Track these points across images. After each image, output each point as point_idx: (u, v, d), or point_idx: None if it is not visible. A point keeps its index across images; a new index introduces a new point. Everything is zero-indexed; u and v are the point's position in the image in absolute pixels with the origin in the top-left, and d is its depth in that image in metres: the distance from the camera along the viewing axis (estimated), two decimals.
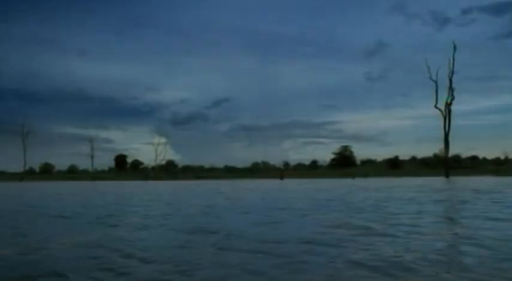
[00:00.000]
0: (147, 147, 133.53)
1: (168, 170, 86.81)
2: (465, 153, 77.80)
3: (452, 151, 55.63)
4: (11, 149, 79.88)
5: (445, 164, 51.25)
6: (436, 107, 50.26)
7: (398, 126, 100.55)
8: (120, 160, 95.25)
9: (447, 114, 49.61)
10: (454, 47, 49.60)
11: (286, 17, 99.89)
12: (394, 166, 76.72)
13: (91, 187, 30.82)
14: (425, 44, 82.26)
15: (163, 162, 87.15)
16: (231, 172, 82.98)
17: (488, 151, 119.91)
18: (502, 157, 73.97)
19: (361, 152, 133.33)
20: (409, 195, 14.44)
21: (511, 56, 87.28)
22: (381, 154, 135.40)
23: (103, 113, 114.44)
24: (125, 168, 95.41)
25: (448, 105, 49.71)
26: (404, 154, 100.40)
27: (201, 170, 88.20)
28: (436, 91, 50.29)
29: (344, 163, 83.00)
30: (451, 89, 49.67)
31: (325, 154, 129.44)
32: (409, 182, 30.72)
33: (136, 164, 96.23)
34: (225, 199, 14.29)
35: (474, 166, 69.85)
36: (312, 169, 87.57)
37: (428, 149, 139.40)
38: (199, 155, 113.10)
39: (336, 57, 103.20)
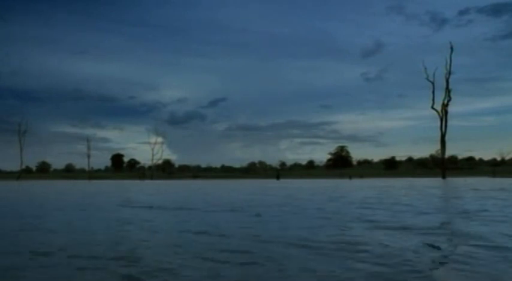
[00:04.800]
0: (144, 146, 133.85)
1: (165, 170, 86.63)
2: (461, 154, 78.18)
3: (449, 152, 55.75)
4: (8, 148, 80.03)
5: (442, 165, 51.17)
6: (432, 108, 50.19)
7: (395, 127, 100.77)
8: (117, 159, 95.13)
9: (444, 115, 49.51)
10: (451, 48, 49.56)
11: (284, 17, 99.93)
12: (390, 167, 76.76)
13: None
14: (422, 44, 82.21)
15: (160, 161, 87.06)
16: (227, 172, 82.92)
17: (484, 152, 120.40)
18: (498, 158, 74.14)
19: (357, 152, 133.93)
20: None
21: (508, 57, 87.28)
22: (377, 154, 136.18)
23: (100, 112, 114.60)
24: (121, 167, 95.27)
25: (445, 106, 49.59)
26: (401, 154, 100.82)
27: (197, 170, 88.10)
28: (433, 92, 50.20)
29: (340, 163, 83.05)
30: (447, 90, 49.58)
31: (321, 154, 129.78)
32: (402, 183, 30.59)
33: (133, 163, 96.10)
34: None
35: (470, 167, 69.90)
36: (309, 169, 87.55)
37: (425, 150, 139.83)
38: (196, 155, 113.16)
39: (333, 58, 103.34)
